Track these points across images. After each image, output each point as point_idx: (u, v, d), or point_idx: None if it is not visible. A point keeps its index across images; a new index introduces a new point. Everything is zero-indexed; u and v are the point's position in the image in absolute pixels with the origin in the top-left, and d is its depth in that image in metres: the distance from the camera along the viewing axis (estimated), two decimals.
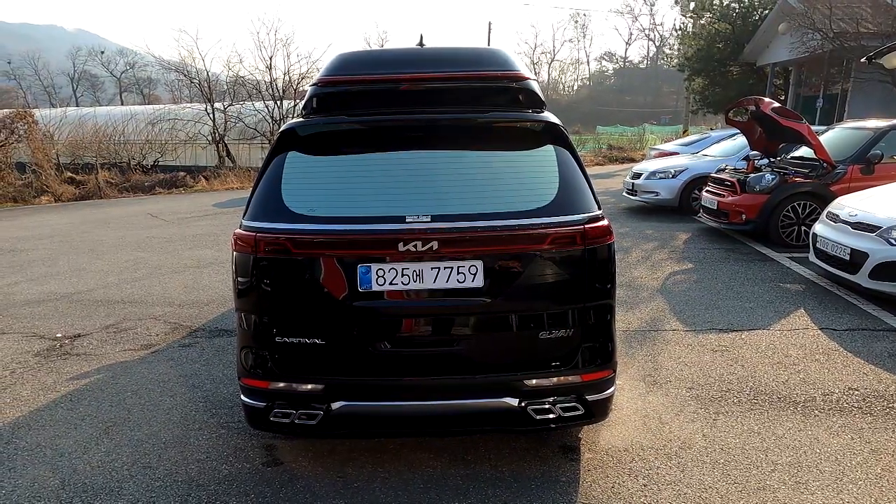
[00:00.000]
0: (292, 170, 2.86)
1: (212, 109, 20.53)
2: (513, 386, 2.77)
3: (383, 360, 2.77)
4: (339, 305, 2.72)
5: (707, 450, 3.18)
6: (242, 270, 2.82)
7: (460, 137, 2.93)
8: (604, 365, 2.87)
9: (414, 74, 3.18)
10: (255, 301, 2.82)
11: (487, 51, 3.40)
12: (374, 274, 2.68)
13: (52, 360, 4.64)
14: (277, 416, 2.84)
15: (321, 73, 3.34)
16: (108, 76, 72.49)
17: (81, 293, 6.61)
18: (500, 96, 3.17)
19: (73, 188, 15.83)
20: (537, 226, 2.69)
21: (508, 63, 3.25)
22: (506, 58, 3.29)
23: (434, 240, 2.62)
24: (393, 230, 2.64)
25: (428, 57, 3.34)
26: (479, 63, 3.24)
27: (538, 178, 2.84)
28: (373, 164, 2.90)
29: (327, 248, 2.69)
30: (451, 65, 3.23)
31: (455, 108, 3.06)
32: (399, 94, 3.16)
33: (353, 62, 3.32)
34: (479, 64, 3.23)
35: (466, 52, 3.41)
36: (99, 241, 9.75)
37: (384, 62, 3.29)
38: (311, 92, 3.28)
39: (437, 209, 2.68)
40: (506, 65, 3.24)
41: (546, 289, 2.76)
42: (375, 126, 2.96)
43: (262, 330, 2.82)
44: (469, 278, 2.68)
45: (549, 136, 2.93)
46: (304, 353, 2.78)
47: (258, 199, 2.86)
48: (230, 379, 4.17)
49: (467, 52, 3.42)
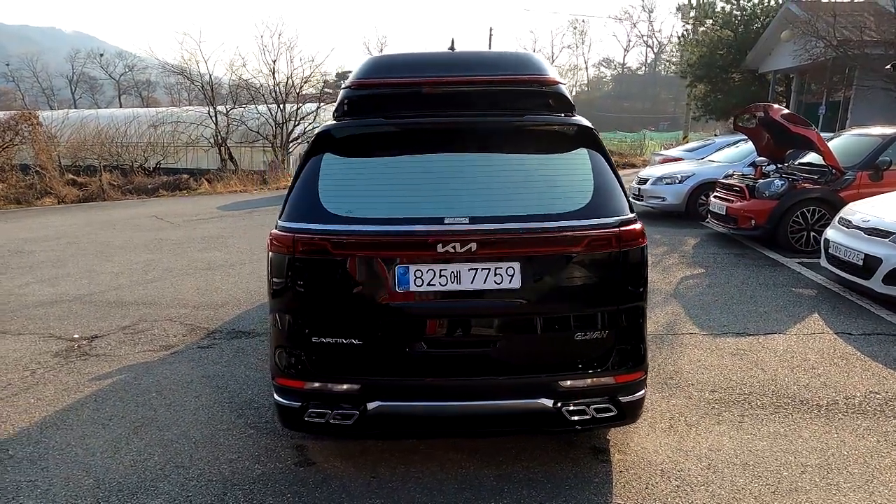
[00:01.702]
0: (329, 171, 2.88)
1: (214, 112, 20.54)
2: (548, 387, 2.79)
3: (420, 361, 2.79)
4: (377, 306, 2.74)
5: (736, 452, 3.20)
6: (278, 271, 2.84)
7: (495, 140, 2.96)
8: (636, 367, 2.89)
9: (446, 78, 3.21)
10: (291, 301, 2.83)
11: (517, 55, 3.43)
12: (411, 275, 2.70)
13: (71, 361, 4.64)
14: (312, 417, 2.85)
15: (353, 76, 3.37)
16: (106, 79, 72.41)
17: (94, 295, 6.60)
18: (530, 100, 3.20)
19: (76, 190, 15.81)
20: (574, 228, 2.71)
21: (539, 67, 3.28)
22: (536, 62, 3.32)
23: (473, 241, 2.64)
24: (431, 231, 2.66)
25: (459, 61, 3.37)
26: (510, 67, 3.27)
27: (573, 181, 2.87)
28: (409, 167, 2.93)
29: (365, 249, 2.71)
30: (482, 68, 3.26)
31: (489, 112, 3.08)
32: (431, 97, 3.18)
33: (385, 65, 3.35)
34: (509, 68, 3.26)
35: (497, 56, 3.44)
36: (106, 242, 9.75)
37: (416, 65, 3.32)
38: (344, 95, 3.31)
39: (475, 211, 2.71)
40: (536, 69, 3.27)
41: (581, 291, 2.79)
42: (411, 128, 2.98)
43: (297, 330, 2.84)
44: (506, 279, 2.70)
45: (582, 139, 2.96)
46: (340, 353, 2.80)
47: (295, 200, 2.88)
48: (253, 380, 4.17)
49: (497, 56, 3.46)
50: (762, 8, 20.60)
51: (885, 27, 13.05)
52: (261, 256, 8.30)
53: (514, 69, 3.25)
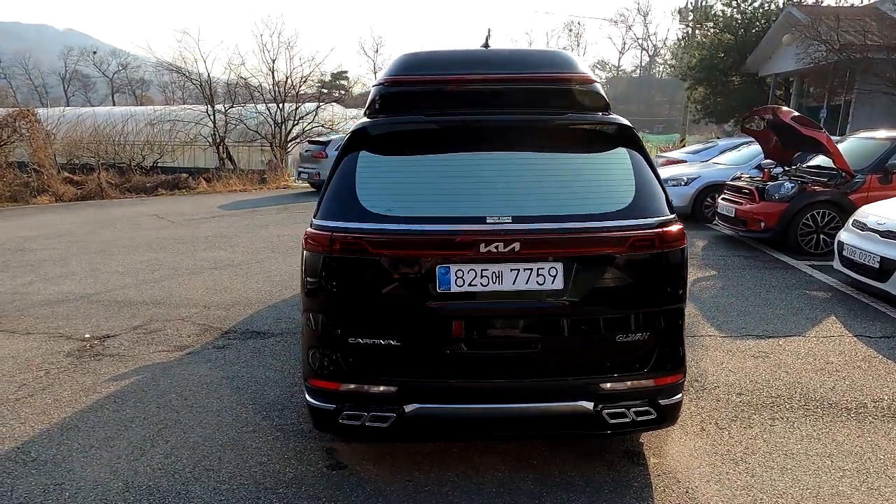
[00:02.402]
0: (365, 169, 2.83)
1: (212, 111, 20.41)
2: (588, 389, 2.76)
3: (459, 363, 2.74)
4: (416, 306, 2.69)
5: (772, 455, 3.17)
6: (314, 270, 2.78)
7: (537, 138, 2.92)
8: (676, 369, 2.86)
9: (480, 75, 3.17)
10: (327, 301, 2.78)
11: (551, 52, 3.39)
12: (452, 275, 2.65)
13: (85, 361, 4.56)
14: (347, 419, 2.80)
15: (385, 73, 3.33)
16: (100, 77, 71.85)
17: (100, 294, 6.51)
18: (566, 98, 3.16)
19: (73, 188, 15.65)
20: (617, 228, 2.67)
21: (573, 65, 3.25)
22: (570, 60, 3.29)
23: (516, 241, 2.59)
24: (474, 231, 2.61)
25: (493, 58, 3.33)
26: (545, 65, 3.23)
27: (614, 180, 2.83)
28: (448, 165, 2.88)
29: (406, 249, 2.66)
30: (517, 66, 3.23)
31: (526, 110, 3.04)
32: (465, 95, 3.14)
33: (418, 62, 3.31)
34: (544, 65, 3.23)
35: (531, 54, 3.41)
36: (108, 241, 9.64)
37: (449, 63, 3.27)
38: (376, 92, 3.26)
39: (518, 210, 2.66)
40: (571, 67, 3.23)
41: (623, 292, 2.75)
42: (452, 126, 2.93)
43: (332, 330, 2.78)
44: (549, 280, 2.66)
45: (622, 138, 2.92)
46: (377, 354, 2.75)
47: (331, 198, 2.82)
48: (274, 381, 4.11)
49: (532, 53, 3.42)
50: (763, 11, 20.70)
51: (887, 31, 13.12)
52: (267, 256, 8.23)
53: (549, 67, 3.22)
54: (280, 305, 5.94)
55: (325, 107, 21.48)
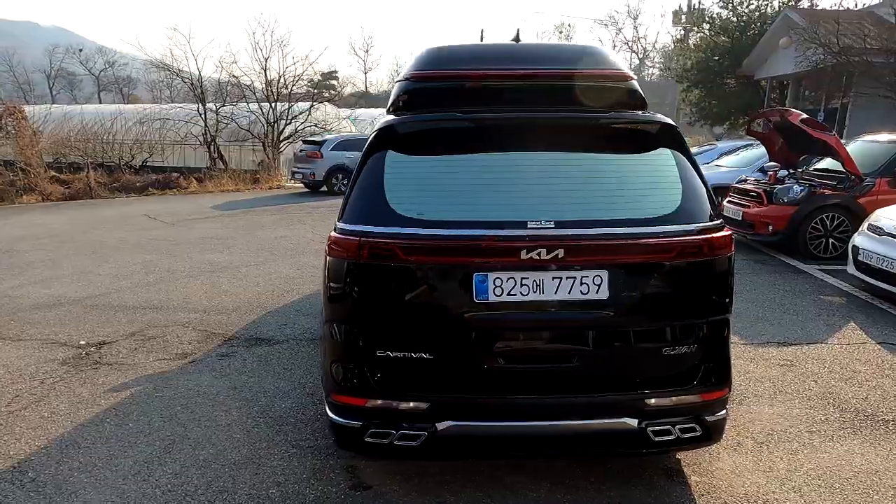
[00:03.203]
0: (394, 170, 2.64)
1: (203, 110, 20.06)
2: (633, 405, 2.59)
3: (497, 377, 2.56)
4: (451, 317, 2.50)
5: (817, 472, 3.02)
6: (339, 277, 2.59)
7: (578, 138, 2.74)
8: (722, 383, 2.70)
9: (513, 71, 3.00)
10: (354, 311, 2.59)
11: (586, 48, 3.22)
12: (491, 283, 2.47)
13: (82, 370, 4.33)
14: (374, 437, 2.61)
15: (410, 68, 3.14)
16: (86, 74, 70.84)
17: (94, 297, 6.26)
18: (604, 96, 3.00)
19: (61, 188, 15.29)
20: (666, 234, 2.51)
21: (610, 61, 3.08)
22: (607, 56, 3.12)
23: (560, 247, 2.42)
24: (515, 236, 2.43)
25: (525, 53, 3.16)
26: (581, 61, 3.06)
27: (660, 183, 2.67)
28: (484, 165, 2.68)
29: (441, 255, 2.47)
30: (552, 62, 3.06)
31: (566, 108, 2.87)
32: (497, 91, 2.97)
33: (444, 57, 3.12)
34: (580, 61, 3.06)
35: (565, 49, 3.24)
36: (99, 242, 9.36)
37: (479, 58, 3.10)
38: (401, 88, 3.08)
39: (560, 214, 2.49)
40: (608, 63, 3.07)
41: (670, 302, 2.58)
42: (487, 124, 2.74)
43: (360, 342, 2.59)
44: (593, 289, 2.49)
45: (666, 138, 2.75)
46: (408, 368, 2.56)
47: (358, 200, 2.62)
48: (284, 392, 3.90)
49: (565, 48, 3.25)
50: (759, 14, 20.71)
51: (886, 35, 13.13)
52: (266, 258, 8.01)
53: (585, 63, 3.05)
54: (283, 310, 5.73)
55: (317, 106, 21.20)
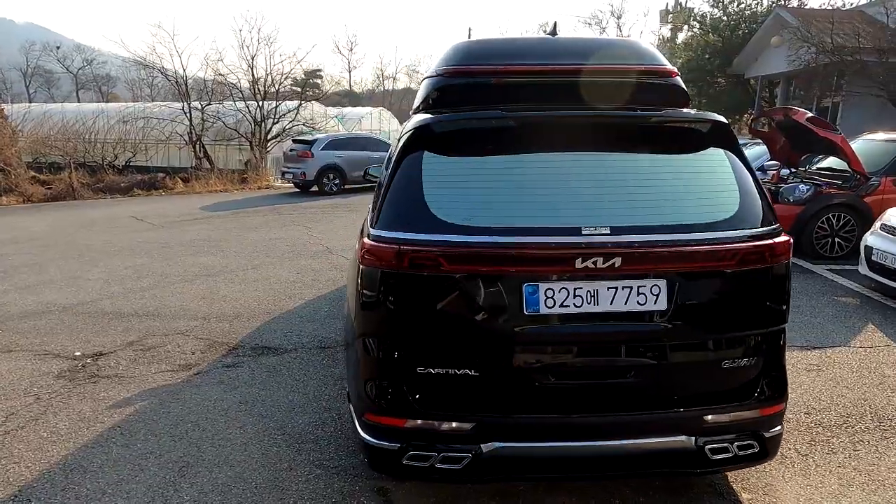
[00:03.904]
0: (432, 172, 2.45)
1: (188, 108, 19.63)
2: (690, 423, 2.43)
3: (547, 395, 2.38)
4: (499, 331, 2.33)
5: (869, 486, 2.89)
6: (374, 288, 2.39)
7: (629, 138, 2.57)
8: (780, 397, 2.56)
9: (552, 66, 2.82)
10: (392, 325, 2.40)
11: (628, 42, 3.07)
12: (542, 294, 2.30)
13: (80, 384, 4.08)
14: (413, 460, 2.42)
15: (440, 63, 2.95)
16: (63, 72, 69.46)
17: (85, 304, 5.98)
18: (648, 93, 2.84)
19: (42, 188, 14.84)
20: (726, 240, 2.35)
21: (652, 56, 2.92)
22: (648, 50, 2.97)
23: (617, 255, 2.25)
24: (569, 244, 2.26)
25: (563, 47, 2.98)
26: (622, 56, 2.90)
27: (716, 185, 2.51)
28: (530, 167, 2.50)
29: (489, 264, 2.29)
30: (591, 56, 2.89)
31: (605, 106, 2.70)
32: (537, 88, 2.79)
33: (479, 51, 2.95)
34: (621, 57, 2.90)
35: (605, 43, 3.08)
36: (86, 245, 9.03)
37: (515, 52, 2.92)
38: (432, 84, 2.89)
39: (616, 220, 2.32)
40: (650, 58, 2.91)
41: (730, 312, 2.43)
42: (531, 122, 2.55)
43: (399, 359, 2.40)
44: (651, 300, 2.32)
45: (720, 137, 2.59)
46: (451, 386, 2.38)
47: (394, 205, 2.43)
48: (299, 406, 3.70)
49: (605, 42, 3.09)
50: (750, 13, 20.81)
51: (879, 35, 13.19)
52: (263, 261, 7.75)
53: (627, 58, 2.89)
54: (287, 317, 5.50)
55: (305, 105, 20.87)
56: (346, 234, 9.60)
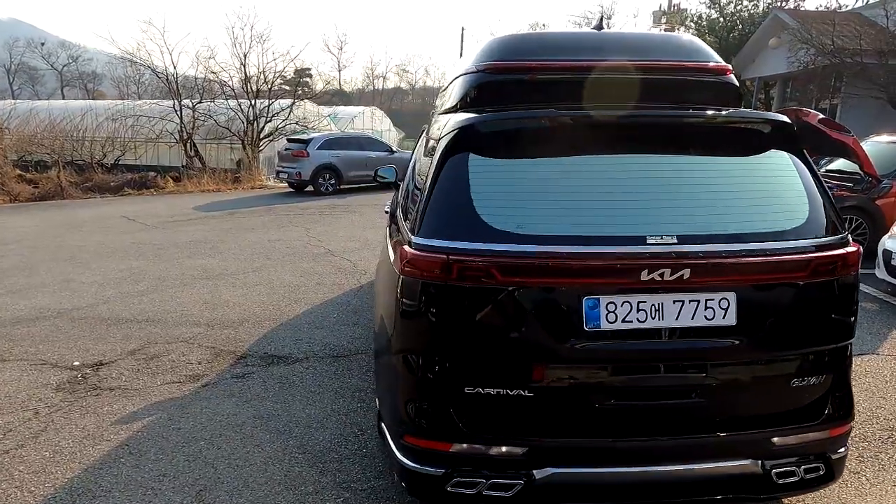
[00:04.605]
0: (480, 175, 2.26)
1: (179, 106, 19.25)
2: (757, 445, 2.27)
3: (606, 417, 2.21)
4: (556, 348, 2.14)
5: None
6: (417, 301, 2.20)
7: (691, 139, 2.39)
8: (847, 416, 2.40)
9: (601, 62, 2.64)
10: (438, 341, 2.21)
11: (679, 38, 2.90)
12: (602, 309, 2.12)
13: (81, 397, 3.84)
14: (458, 486, 2.23)
15: (479, 58, 2.77)
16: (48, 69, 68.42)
17: (81, 309, 5.72)
18: (702, 91, 2.67)
19: (30, 188, 14.46)
20: (798, 250, 2.19)
21: (705, 53, 2.76)
22: (701, 46, 2.80)
23: (686, 266, 2.08)
24: (634, 254, 2.08)
25: (610, 42, 2.81)
26: (672, 51, 2.74)
27: (783, 191, 2.34)
28: (588, 170, 2.31)
29: (547, 276, 2.11)
30: (642, 52, 2.72)
31: (667, 105, 2.53)
32: (584, 85, 2.61)
33: (519, 46, 2.76)
34: (672, 52, 2.73)
35: (655, 39, 2.91)
36: (78, 247, 8.74)
37: (559, 47, 2.74)
38: (470, 81, 2.70)
39: (682, 228, 2.15)
40: (703, 55, 2.74)
41: (799, 327, 2.27)
42: (587, 122, 2.37)
43: (445, 378, 2.21)
44: (719, 314, 2.15)
45: (785, 139, 2.43)
46: (503, 407, 2.19)
47: (439, 211, 2.24)
48: (318, 421, 3.49)
49: (655, 38, 2.92)
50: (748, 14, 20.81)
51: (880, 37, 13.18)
52: (263, 264, 7.52)
53: (677, 54, 2.73)
54: (295, 323, 5.29)
55: (298, 104, 20.57)
56: (346, 235, 9.38)
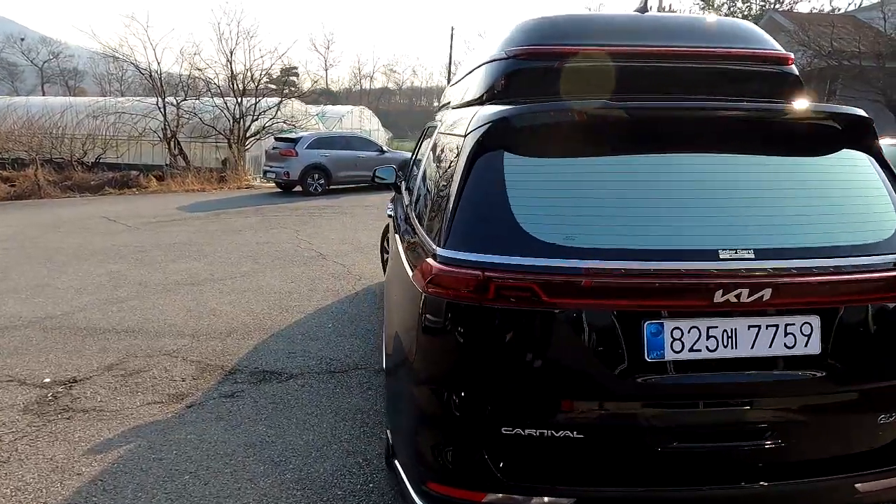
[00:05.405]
0: (516, 178, 1.93)
1: (163, 103, 18.71)
2: (839, 492, 1.96)
3: (667, 462, 1.88)
4: (611, 382, 1.81)
5: None
6: (445, 325, 1.87)
7: (761, 137, 2.07)
8: None
9: (647, 48, 2.32)
10: (470, 373, 1.87)
11: (732, 23, 2.58)
12: (667, 336, 1.79)
13: (51, 420, 3.45)
14: None
15: (507, 43, 2.43)
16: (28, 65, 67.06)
17: (55, 318, 5.31)
18: (761, 83, 2.36)
19: (6, 186, 13.90)
20: (889, 267, 1.88)
21: (763, 40, 2.45)
22: (759, 33, 2.48)
23: (767, 286, 1.76)
24: (706, 271, 1.76)
25: (658, 27, 2.48)
26: (727, 37, 2.42)
27: (866, 199, 2.03)
28: (648, 173, 1.97)
29: (602, 297, 1.78)
30: (691, 38, 2.40)
31: (736, 98, 2.21)
32: (631, 73, 2.29)
33: (555, 30, 2.43)
34: (726, 38, 2.41)
35: (708, 23, 2.58)
36: (55, 248, 8.28)
37: (598, 31, 2.41)
38: (499, 69, 2.37)
39: (759, 240, 1.83)
40: (761, 41, 2.43)
41: (888, 355, 1.96)
42: (646, 116, 2.03)
43: (477, 415, 1.87)
44: (801, 341, 1.84)
45: (863, 137, 2.11)
46: (548, 451, 1.86)
47: (471, 219, 1.90)
48: (317, 449, 3.13)
49: (708, 22, 2.59)
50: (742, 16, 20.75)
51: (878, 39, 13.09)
52: (251, 268, 7.12)
53: (733, 41, 2.41)
54: (287, 333, 4.92)
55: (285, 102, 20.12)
56: (337, 237, 9.01)
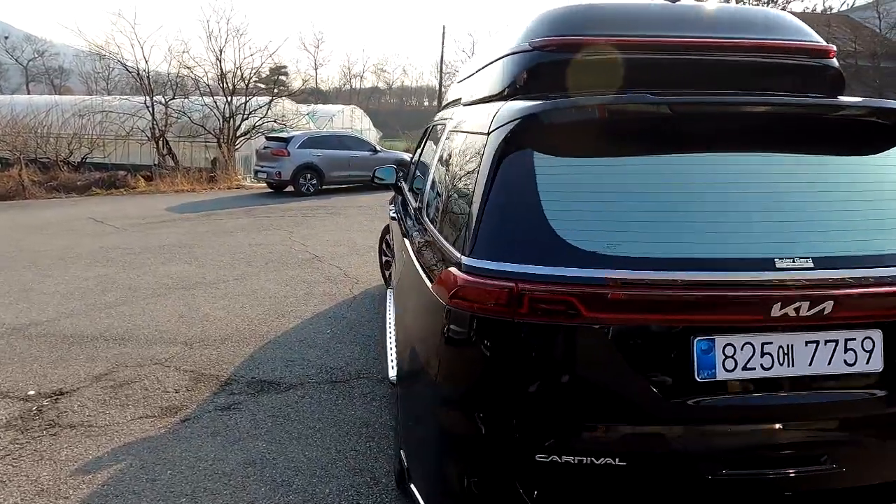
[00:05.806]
0: (549, 180, 1.76)
1: (151, 102, 18.39)
2: None
3: (719, 490, 1.71)
4: (658, 404, 1.64)
5: None
6: (471, 341, 1.70)
7: (816, 135, 1.91)
8: None
9: (682, 40, 2.16)
10: (497, 394, 1.69)
11: (769, 13, 2.44)
12: (719, 353, 1.63)
13: (35, 437, 3.24)
14: None
15: (528, 33, 2.26)
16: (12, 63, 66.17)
17: (40, 325, 5.08)
18: (803, 76, 2.21)
19: None
20: None
21: (805, 32, 2.30)
22: (799, 24, 2.33)
23: (828, 298, 1.60)
24: (762, 282, 1.60)
25: (691, 17, 2.31)
26: (765, 28, 2.27)
27: None
28: (695, 175, 1.80)
29: (647, 311, 1.61)
30: (728, 29, 2.24)
31: (792, 94, 2.07)
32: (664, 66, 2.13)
33: (585, 19, 2.25)
34: (764, 29, 2.26)
35: (743, 14, 2.43)
36: (39, 251, 8.03)
37: (629, 21, 2.24)
38: (521, 62, 2.20)
39: (818, 248, 1.67)
40: (803, 33, 2.28)
41: None
42: (694, 112, 1.84)
43: (508, 441, 1.70)
44: (861, 357, 1.68)
45: None
46: (586, 480, 1.69)
47: (498, 223, 1.72)
48: (321, 467, 2.95)
49: (743, 12, 2.44)
50: None
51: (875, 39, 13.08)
52: (244, 271, 6.91)
53: (771, 32, 2.26)
54: (284, 340, 4.72)
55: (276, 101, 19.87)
56: (332, 239, 8.80)
